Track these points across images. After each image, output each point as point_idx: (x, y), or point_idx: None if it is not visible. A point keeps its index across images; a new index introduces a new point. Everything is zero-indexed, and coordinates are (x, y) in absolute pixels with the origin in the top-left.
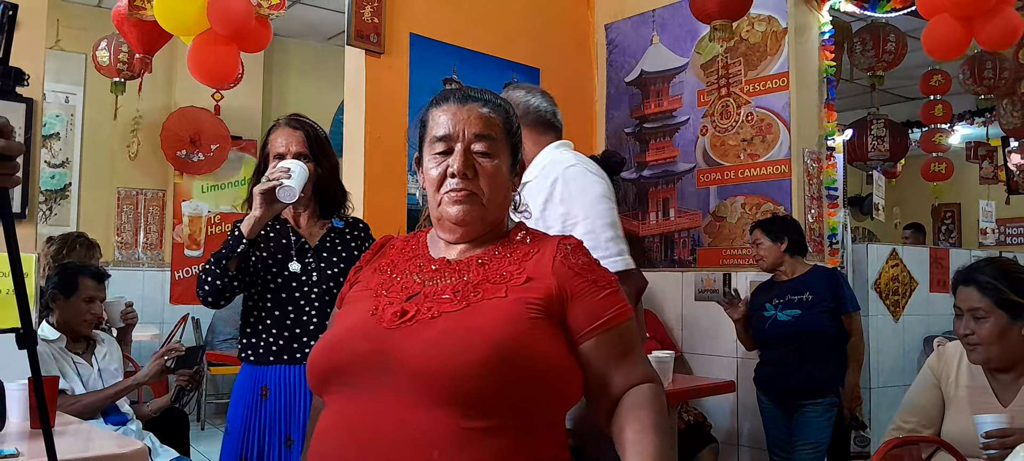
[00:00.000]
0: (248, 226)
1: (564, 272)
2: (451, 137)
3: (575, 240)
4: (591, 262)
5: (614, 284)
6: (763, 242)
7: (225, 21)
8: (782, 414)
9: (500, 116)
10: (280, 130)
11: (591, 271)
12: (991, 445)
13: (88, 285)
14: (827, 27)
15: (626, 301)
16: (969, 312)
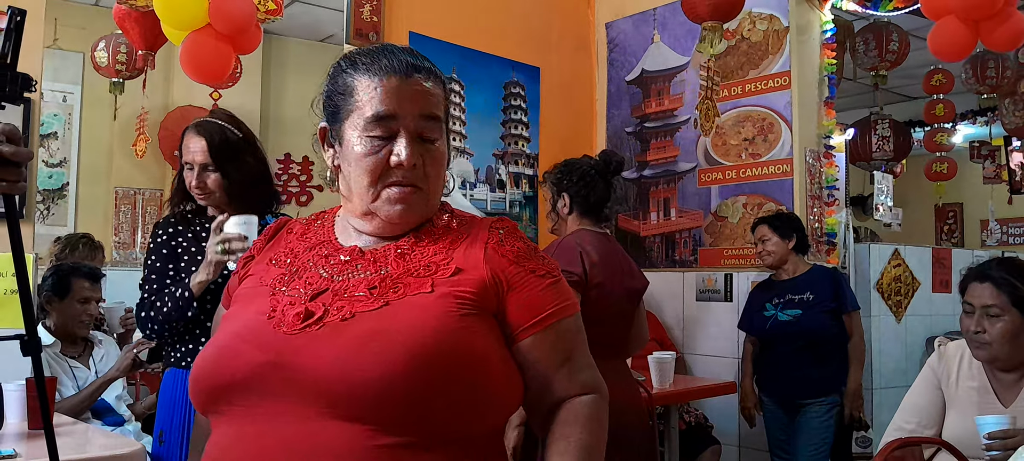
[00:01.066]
0: (198, 289)
1: (498, 260)
2: (394, 119)
3: (510, 223)
4: (530, 248)
5: (556, 273)
6: (770, 239)
7: (227, 19)
8: (784, 415)
9: (441, 89)
10: (188, 135)
11: (529, 259)
12: (993, 446)
13: (82, 286)
14: (829, 26)
15: (570, 295)
16: (982, 309)
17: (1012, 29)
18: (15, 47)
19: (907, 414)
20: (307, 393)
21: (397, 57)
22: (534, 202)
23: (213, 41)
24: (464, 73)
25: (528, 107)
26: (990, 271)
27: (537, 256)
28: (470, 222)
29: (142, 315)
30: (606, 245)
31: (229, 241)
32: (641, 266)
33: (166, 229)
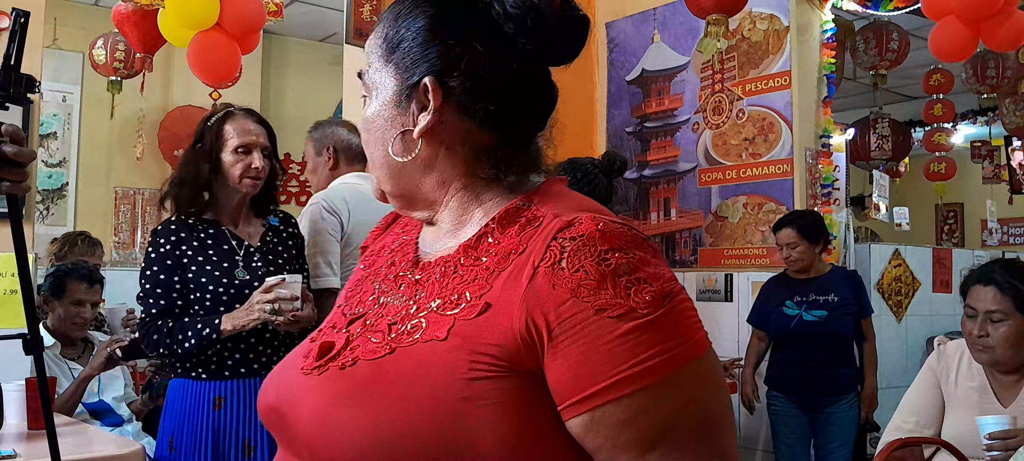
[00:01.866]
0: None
1: (544, 294)
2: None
3: (588, 226)
4: (606, 271)
5: (650, 309)
6: (799, 245)
7: (238, 20)
8: (802, 414)
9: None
10: (239, 119)
11: (598, 290)
12: (994, 447)
13: (76, 288)
14: (829, 26)
15: (677, 345)
16: (985, 314)
17: (1013, 29)
18: (19, 48)
19: (906, 413)
20: (299, 451)
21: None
22: None
23: (221, 41)
24: None
25: None
26: (993, 275)
27: (616, 283)
28: (543, 222)
29: (155, 338)
30: None
31: (281, 301)
32: None
33: (168, 236)
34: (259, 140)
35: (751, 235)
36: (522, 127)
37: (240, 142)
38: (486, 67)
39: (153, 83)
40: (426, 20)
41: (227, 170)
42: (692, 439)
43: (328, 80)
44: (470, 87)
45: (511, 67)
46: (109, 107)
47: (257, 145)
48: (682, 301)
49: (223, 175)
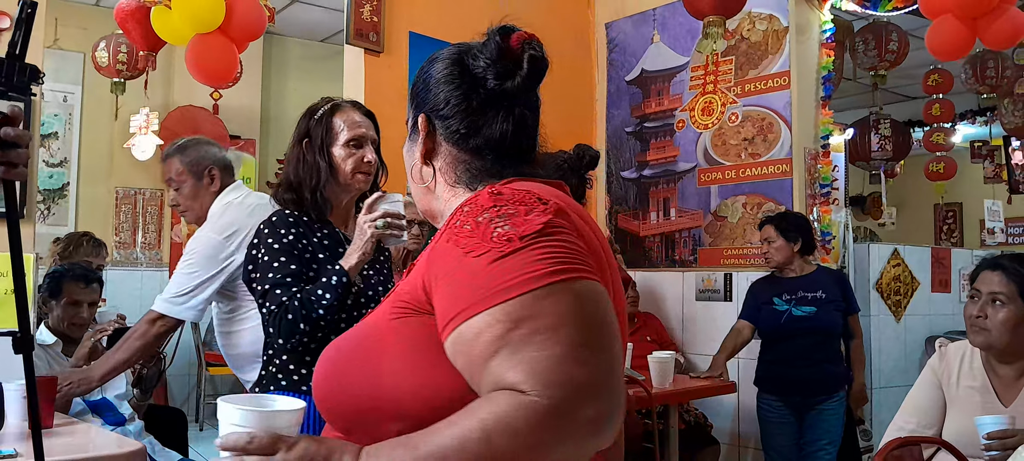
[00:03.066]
0: (355, 271)
1: (437, 246)
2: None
3: (484, 194)
4: (477, 222)
5: (501, 250)
6: (775, 240)
7: (242, 23)
8: (791, 414)
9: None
10: (351, 111)
11: (470, 233)
12: (993, 446)
13: (72, 288)
14: (828, 26)
15: (520, 276)
16: (988, 295)
17: (1009, 26)
18: (24, 38)
19: (907, 414)
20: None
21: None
22: None
23: (220, 42)
24: None
25: None
26: (1003, 261)
27: (484, 231)
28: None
29: (289, 319)
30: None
31: (389, 216)
32: (641, 266)
33: (288, 227)
34: (369, 133)
35: (750, 235)
36: (497, 144)
37: (351, 136)
38: (461, 104)
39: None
40: (423, 77)
41: (339, 166)
42: (555, 343)
43: (328, 80)
44: (449, 120)
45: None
46: (110, 107)
47: (367, 138)
48: (542, 243)
49: (334, 171)
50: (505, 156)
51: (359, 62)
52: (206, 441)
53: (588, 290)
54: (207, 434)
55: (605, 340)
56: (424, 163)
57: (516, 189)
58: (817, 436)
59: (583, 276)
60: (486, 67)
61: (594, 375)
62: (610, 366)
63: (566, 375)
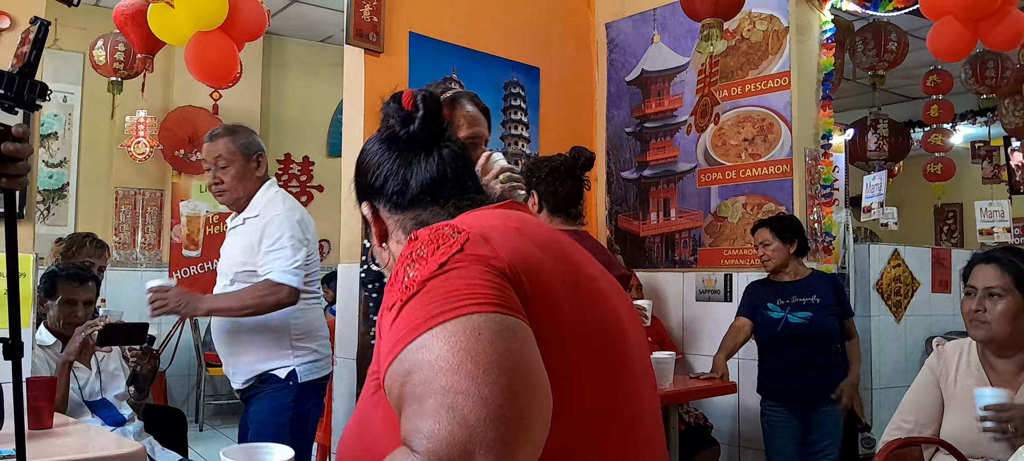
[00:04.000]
0: None
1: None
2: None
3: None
4: (395, 274)
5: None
6: (772, 243)
7: (244, 23)
8: (794, 418)
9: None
10: (470, 106)
11: (389, 288)
12: (988, 418)
13: (65, 288)
14: (829, 26)
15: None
16: (985, 289)
17: (1011, 28)
18: (36, 56)
19: (906, 412)
20: None
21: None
22: None
23: (219, 42)
24: (464, 73)
25: (528, 107)
26: (996, 254)
27: (396, 282)
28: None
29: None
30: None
31: (505, 169)
32: (641, 266)
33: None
34: (483, 132)
35: (750, 235)
36: (432, 187)
37: (469, 133)
38: (383, 172)
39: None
40: (355, 175)
41: None
42: (428, 394)
43: (328, 80)
44: (381, 192)
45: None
46: (109, 107)
47: (482, 137)
48: (434, 283)
49: None
50: (443, 195)
51: (359, 62)
52: (205, 441)
53: (475, 325)
54: (207, 434)
55: (495, 377)
56: (381, 245)
57: (434, 227)
58: (819, 438)
59: (474, 310)
60: (391, 126)
61: (475, 423)
62: (500, 407)
63: (439, 431)
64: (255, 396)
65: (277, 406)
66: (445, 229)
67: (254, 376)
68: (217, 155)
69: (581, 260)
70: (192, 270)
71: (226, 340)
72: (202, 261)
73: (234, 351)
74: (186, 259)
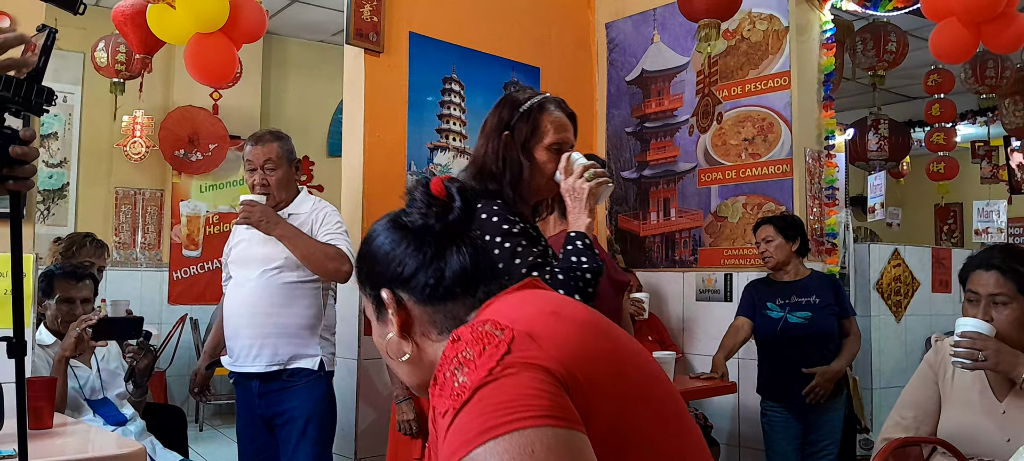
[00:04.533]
0: (588, 229)
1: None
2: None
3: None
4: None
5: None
6: (775, 239)
7: (245, 25)
8: (795, 419)
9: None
10: (559, 113)
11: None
12: (961, 344)
13: (63, 287)
14: (828, 26)
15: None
16: (988, 297)
17: (1014, 32)
18: (45, 62)
19: (904, 408)
20: None
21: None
22: None
23: (218, 42)
24: (464, 73)
25: None
26: (994, 260)
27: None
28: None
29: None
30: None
31: (591, 167)
32: (641, 266)
33: (510, 212)
34: (571, 137)
35: (751, 235)
36: (463, 278)
37: (556, 139)
38: (414, 264)
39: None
40: (367, 258)
41: (540, 167)
42: None
43: (328, 81)
44: (410, 283)
45: (432, 256)
46: (110, 107)
47: (569, 143)
48: (484, 393)
49: (533, 172)
50: (473, 283)
51: (359, 62)
52: (206, 441)
53: (528, 441)
54: (207, 434)
55: None
56: (402, 337)
57: (474, 325)
58: (820, 437)
59: (526, 424)
60: (424, 215)
61: None
62: None
63: None
64: (288, 389)
65: (319, 395)
66: (487, 326)
67: (281, 364)
68: (267, 158)
69: (618, 330)
70: (192, 270)
71: (256, 321)
72: (202, 261)
73: (265, 332)
74: (186, 259)
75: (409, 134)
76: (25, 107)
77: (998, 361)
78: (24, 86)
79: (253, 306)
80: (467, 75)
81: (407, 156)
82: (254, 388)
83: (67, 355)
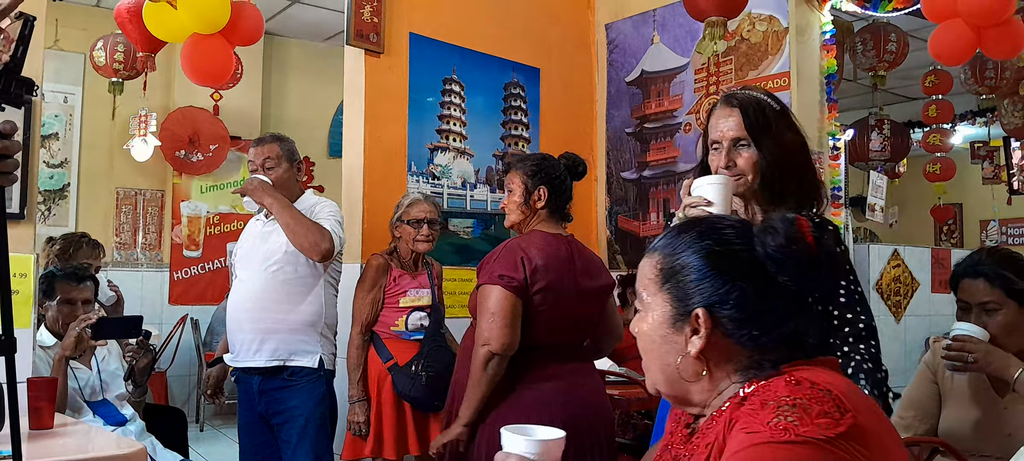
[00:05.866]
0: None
1: (731, 435)
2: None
3: (779, 385)
4: (763, 403)
5: (780, 435)
6: None
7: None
8: None
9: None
10: (724, 109)
11: (751, 413)
12: (953, 347)
13: (64, 288)
14: (828, 27)
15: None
16: (978, 306)
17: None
18: (23, 52)
19: (904, 408)
20: None
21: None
22: None
23: (215, 43)
24: (464, 74)
25: (528, 108)
26: (980, 267)
27: (766, 410)
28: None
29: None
30: (558, 247)
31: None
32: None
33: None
34: (726, 133)
35: None
36: (789, 340)
37: (715, 137)
38: (751, 301)
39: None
40: (699, 260)
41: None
42: None
43: (328, 81)
44: (737, 317)
45: (773, 300)
46: (110, 108)
47: (724, 138)
48: (816, 455)
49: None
50: (801, 345)
51: (359, 63)
52: (206, 441)
53: None
54: (207, 434)
55: None
56: (697, 358)
57: (817, 388)
58: None
59: None
60: (781, 263)
61: None
62: None
63: None
64: (288, 388)
65: (318, 396)
66: (827, 396)
67: (281, 360)
68: (266, 157)
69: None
70: (193, 270)
71: (257, 317)
72: (203, 261)
73: (266, 328)
74: (187, 259)
75: (409, 135)
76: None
77: (988, 362)
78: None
79: (254, 302)
80: (467, 76)
81: (407, 157)
82: (255, 385)
83: (67, 354)
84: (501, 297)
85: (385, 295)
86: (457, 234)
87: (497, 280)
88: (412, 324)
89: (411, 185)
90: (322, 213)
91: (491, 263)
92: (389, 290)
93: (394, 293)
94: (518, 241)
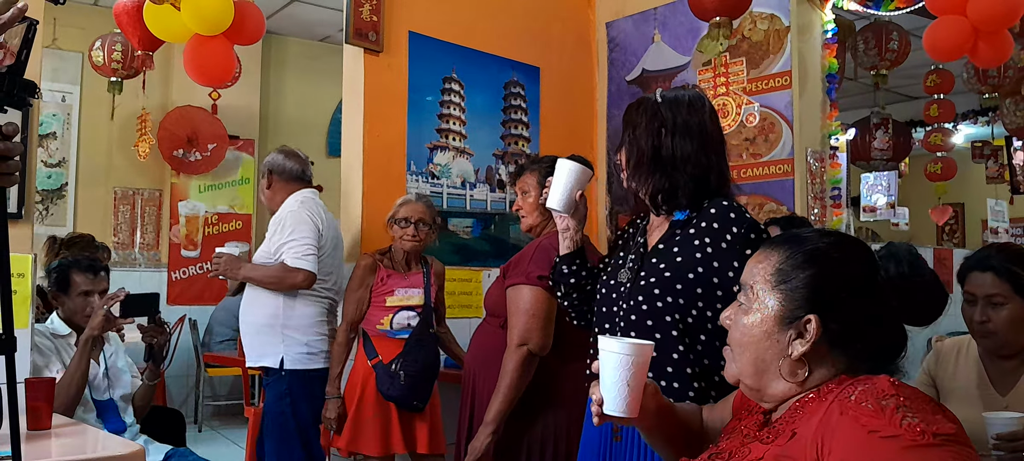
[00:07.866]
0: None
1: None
2: None
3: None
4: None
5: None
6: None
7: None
8: None
9: None
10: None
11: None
12: (1001, 447)
13: (80, 280)
14: (830, 26)
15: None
16: (985, 299)
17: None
18: (26, 55)
19: None
20: None
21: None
22: None
23: (217, 43)
24: (464, 73)
25: (528, 107)
26: (990, 261)
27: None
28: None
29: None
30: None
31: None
32: None
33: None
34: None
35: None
36: (874, 354)
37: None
38: (862, 318)
39: (153, 83)
40: (821, 270)
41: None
42: None
43: (328, 80)
44: (844, 330)
45: (880, 320)
46: (108, 107)
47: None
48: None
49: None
50: (876, 360)
51: (359, 62)
52: (205, 442)
53: None
54: (206, 435)
55: None
56: (800, 359)
57: (921, 395)
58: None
59: None
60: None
61: None
62: None
63: None
64: (267, 387)
65: (275, 395)
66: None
67: (259, 364)
68: (261, 180)
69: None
70: (191, 270)
71: (242, 328)
72: (201, 261)
73: (246, 338)
74: (185, 259)
75: (409, 134)
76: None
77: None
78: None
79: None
80: (467, 75)
81: (407, 156)
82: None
83: (95, 333)
84: (539, 297)
85: (372, 294)
86: (456, 234)
87: (535, 281)
88: (397, 323)
89: (410, 185)
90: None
91: (525, 263)
92: (376, 289)
93: (381, 292)
94: (550, 241)
